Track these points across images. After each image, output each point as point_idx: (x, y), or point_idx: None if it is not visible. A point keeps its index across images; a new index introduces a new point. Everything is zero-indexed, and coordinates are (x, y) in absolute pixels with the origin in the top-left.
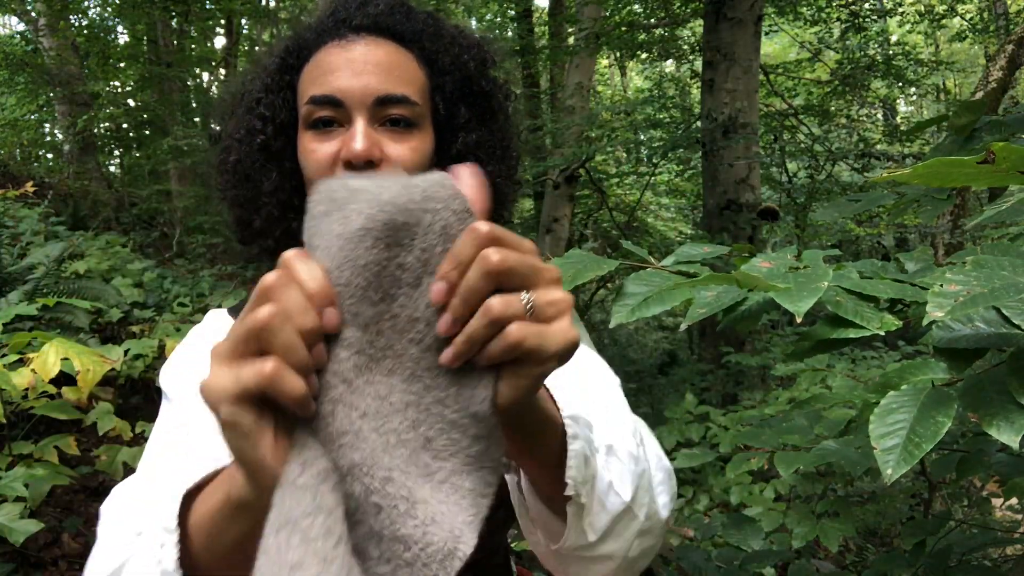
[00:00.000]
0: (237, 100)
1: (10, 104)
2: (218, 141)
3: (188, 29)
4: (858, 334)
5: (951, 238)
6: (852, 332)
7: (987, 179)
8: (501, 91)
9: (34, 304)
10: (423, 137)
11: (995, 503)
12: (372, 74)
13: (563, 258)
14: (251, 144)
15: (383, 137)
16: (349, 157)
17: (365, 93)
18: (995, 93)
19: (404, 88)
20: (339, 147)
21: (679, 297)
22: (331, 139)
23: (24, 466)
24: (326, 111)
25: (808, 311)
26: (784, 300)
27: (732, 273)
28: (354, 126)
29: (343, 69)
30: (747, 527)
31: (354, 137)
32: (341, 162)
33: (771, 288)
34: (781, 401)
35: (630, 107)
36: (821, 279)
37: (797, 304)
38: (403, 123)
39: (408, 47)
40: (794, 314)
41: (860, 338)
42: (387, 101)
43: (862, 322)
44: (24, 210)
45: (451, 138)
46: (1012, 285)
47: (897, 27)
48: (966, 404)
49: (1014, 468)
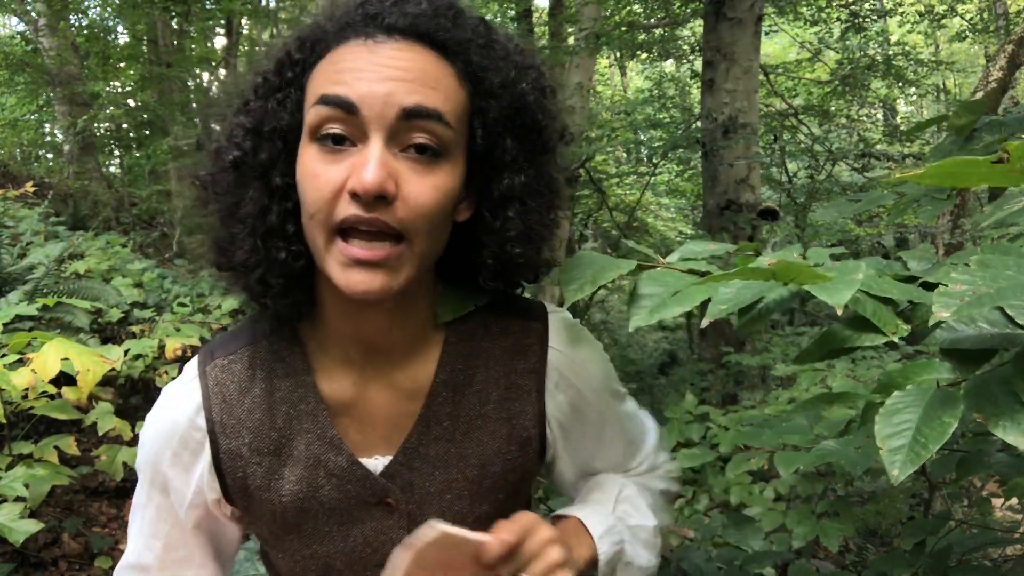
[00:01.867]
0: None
1: (10, 104)
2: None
3: (188, 29)
4: (874, 341)
5: (951, 238)
6: (868, 339)
7: (1001, 179)
8: (557, 126)
9: (34, 304)
10: (451, 171)
11: (995, 503)
12: (401, 81)
13: (576, 259)
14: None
15: (402, 166)
16: (358, 189)
17: (388, 103)
18: (995, 93)
19: (439, 104)
20: (347, 174)
21: (699, 296)
22: (339, 162)
23: (24, 466)
24: (337, 120)
25: (810, 312)
26: (822, 292)
27: (767, 266)
28: (368, 148)
29: (365, 71)
30: (747, 527)
31: (366, 164)
32: (347, 193)
33: (814, 278)
34: (781, 401)
35: (630, 107)
36: (855, 271)
37: (836, 296)
38: (430, 151)
39: (450, 59)
40: (796, 313)
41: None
42: (415, 115)
43: (880, 324)
44: (24, 210)
45: (491, 175)
46: (1018, 285)
47: (897, 27)
48: (971, 405)
49: (1014, 468)
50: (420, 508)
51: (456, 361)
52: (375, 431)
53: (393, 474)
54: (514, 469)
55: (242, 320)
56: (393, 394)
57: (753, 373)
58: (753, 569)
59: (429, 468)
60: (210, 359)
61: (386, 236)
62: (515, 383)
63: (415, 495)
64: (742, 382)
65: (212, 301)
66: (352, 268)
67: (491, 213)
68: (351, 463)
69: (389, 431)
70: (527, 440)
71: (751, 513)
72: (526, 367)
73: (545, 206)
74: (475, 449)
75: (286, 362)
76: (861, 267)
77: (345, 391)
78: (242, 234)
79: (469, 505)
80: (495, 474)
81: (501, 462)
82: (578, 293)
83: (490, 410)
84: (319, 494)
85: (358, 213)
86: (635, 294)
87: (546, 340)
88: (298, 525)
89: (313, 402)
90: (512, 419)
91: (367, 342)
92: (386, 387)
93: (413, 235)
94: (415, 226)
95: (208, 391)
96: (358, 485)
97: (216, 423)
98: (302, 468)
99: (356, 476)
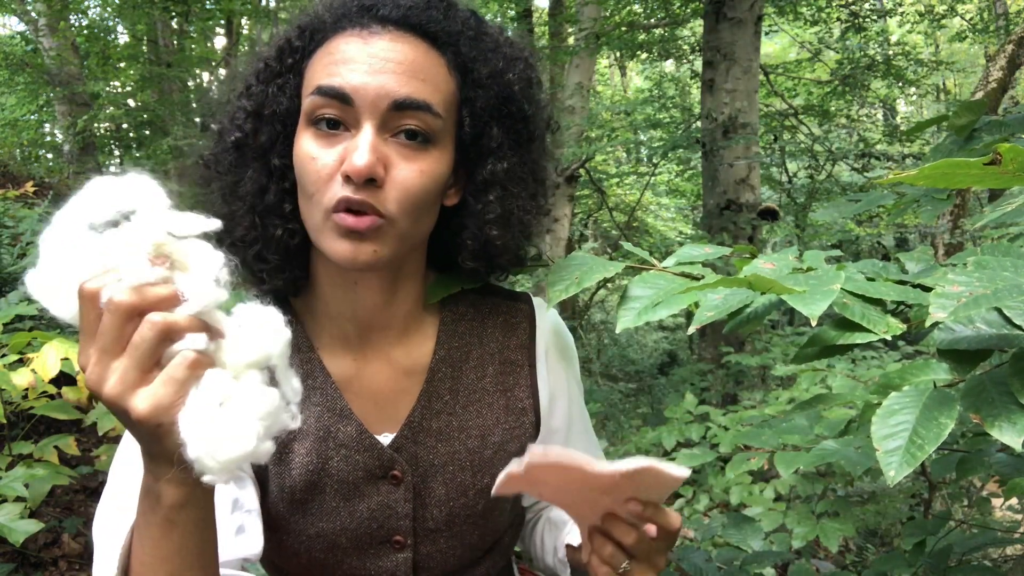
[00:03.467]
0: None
1: (10, 104)
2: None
3: (188, 29)
4: (864, 339)
5: (951, 238)
6: (859, 337)
7: (994, 180)
8: (544, 116)
9: (34, 304)
10: (439, 157)
11: (995, 503)
12: (392, 73)
13: (566, 260)
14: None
15: (391, 151)
16: (349, 172)
17: (380, 95)
18: (995, 93)
19: (428, 95)
20: (341, 157)
21: (686, 300)
22: (334, 145)
23: (24, 466)
24: (332, 108)
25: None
26: (798, 303)
27: (744, 276)
28: (360, 134)
29: (359, 63)
30: (747, 527)
31: (357, 148)
32: (340, 175)
33: (786, 291)
34: (781, 401)
35: (630, 107)
36: (833, 281)
37: (811, 307)
38: (419, 137)
39: (441, 49)
40: (797, 313)
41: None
42: (405, 106)
43: (869, 325)
44: (24, 210)
45: (477, 162)
46: (1015, 286)
47: (897, 27)
48: (968, 405)
49: (1014, 468)
50: (424, 481)
51: (452, 339)
52: (377, 407)
53: (399, 447)
54: (513, 439)
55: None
56: (392, 372)
57: (753, 373)
58: (753, 569)
59: (432, 441)
60: None
61: (373, 211)
62: (508, 358)
63: (420, 467)
64: (742, 382)
65: None
66: (343, 239)
67: (474, 197)
68: (360, 432)
69: (390, 408)
70: (522, 410)
71: (751, 513)
72: (518, 343)
73: (528, 193)
74: (475, 421)
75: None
76: (840, 276)
77: (346, 367)
78: (241, 211)
79: (472, 477)
80: (495, 444)
81: (500, 431)
82: (562, 294)
83: (487, 384)
84: (328, 466)
85: (348, 195)
86: (625, 296)
87: (534, 319)
88: (305, 503)
89: (321, 376)
90: (507, 391)
91: (362, 320)
92: (384, 365)
93: (399, 216)
94: (403, 208)
95: None
96: (366, 455)
97: None
98: (311, 440)
99: (365, 446)
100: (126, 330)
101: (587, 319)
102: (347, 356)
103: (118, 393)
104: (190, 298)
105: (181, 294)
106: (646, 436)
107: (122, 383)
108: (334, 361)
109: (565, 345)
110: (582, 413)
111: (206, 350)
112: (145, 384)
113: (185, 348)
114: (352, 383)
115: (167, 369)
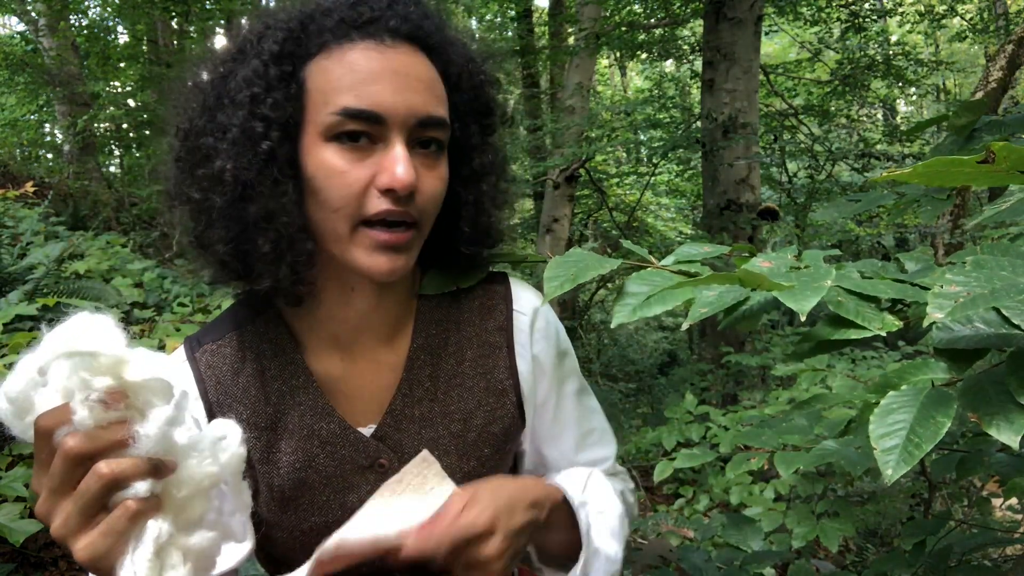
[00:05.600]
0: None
1: (10, 104)
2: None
3: (188, 29)
4: (859, 335)
5: (951, 238)
6: (853, 333)
7: (987, 179)
8: (502, 106)
9: (34, 304)
10: (445, 161)
11: (995, 503)
12: (415, 91)
13: (563, 257)
14: (252, 151)
15: (417, 163)
16: (395, 187)
17: (409, 113)
18: (995, 93)
19: (443, 110)
20: (373, 171)
21: (681, 297)
22: (363, 160)
23: (24, 466)
24: (359, 124)
25: (810, 312)
26: (787, 299)
27: (735, 272)
28: (392, 149)
29: (385, 81)
30: (747, 527)
31: (397, 163)
32: (377, 189)
33: (775, 287)
34: (781, 401)
35: (630, 107)
36: (824, 278)
37: (800, 303)
38: (435, 146)
39: (435, 59)
40: (797, 313)
41: (861, 339)
42: (428, 124)
43: (863, 323)
44: (24, 210)
45: (462, 157)
46: (1012, 285)
47: (897, 27)
48: (966, 404)
49: (1014, 468)
50: None
51: (430, 327)
52: (363, 403)
53: (383, 436)
54: (495, 420)
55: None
56: (378, 369)
57: (753, 373)
58: (753, 569)
59: (416, 427)
60: (197, 346)
61: (401, 223)
62: (487, 341)
63: (405, 455)
64: (742, 382)
65: (212, 301)
66: (378, 252)
67: (464, 189)
68: (343, 428)
69: (374, 402)
70: (503, 391)
71: (751, 513)
72: (495, 325)
73: (505, 178)
74: (457, 405)
75: (274, 343)
76: (831, 273)
77: (333, 368)
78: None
79: (457, 461)
80: (478, 426)
81: (482, 414)
82: (557, 290)
83: (467, 368)
84: (315, 463)
85: (390, 207)
86: (622, 292)
87: (510, 300)
88: (295, 499)
89: (303, 377)
90: (487, 374)
91: (356, 323)
92: (371, 363)
93: (424, 222)
94: (427, 214)
95: (201, 374)
96: (351, 449)
97: (213, 403)
98: (297, 440)
99: (349, 440)
100: (75, 474)
101: (587, 319)
102: (335, 357)
103: (61, 535)
104: (142, 439)
105: (133, 436)
106: (646, 436)
107: (65, 527)
108: (320, 361)
109: (546, 322)
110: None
111: (152, 494)
112: (89, 528)
113: (129, 496)
114: (339, 382)
115: (108, 520)
